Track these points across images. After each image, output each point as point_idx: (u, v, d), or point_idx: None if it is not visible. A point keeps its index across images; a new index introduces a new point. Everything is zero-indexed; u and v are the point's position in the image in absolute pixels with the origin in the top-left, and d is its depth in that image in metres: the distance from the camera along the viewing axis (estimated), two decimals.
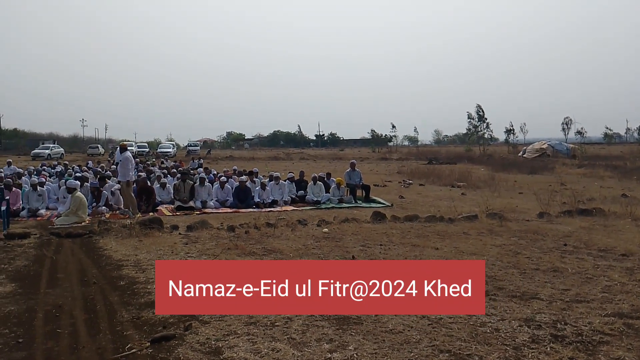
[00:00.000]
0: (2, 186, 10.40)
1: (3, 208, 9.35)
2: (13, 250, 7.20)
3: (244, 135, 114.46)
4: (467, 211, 10.47)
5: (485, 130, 60.33)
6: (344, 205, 12.77)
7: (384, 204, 12.86)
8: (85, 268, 6.19)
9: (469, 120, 61.22)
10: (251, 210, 11.92)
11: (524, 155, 43.06)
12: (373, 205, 12.74)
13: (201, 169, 18.72)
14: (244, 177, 13.24)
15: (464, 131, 66.70)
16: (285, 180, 13.86)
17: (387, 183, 19.51)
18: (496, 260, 6.42)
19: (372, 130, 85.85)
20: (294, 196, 13.31)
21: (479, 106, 60.57)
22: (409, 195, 15.10)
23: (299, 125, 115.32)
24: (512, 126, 66.36)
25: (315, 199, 13.04)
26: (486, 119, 60.06)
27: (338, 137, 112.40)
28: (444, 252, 6.98)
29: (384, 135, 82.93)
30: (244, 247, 7.22)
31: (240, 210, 11.90)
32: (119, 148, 11.73)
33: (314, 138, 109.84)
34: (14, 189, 11.12)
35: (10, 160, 19.53)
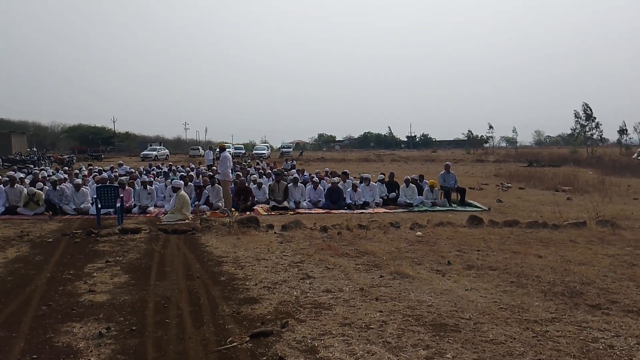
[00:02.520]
0: (117, 185, 11.37)
1: (118, 205, 10.23)
2: (127, 244, 7.83)
3: (334, 137, 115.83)
4: (574, 217, 9.76)
5: (593, 131, 55.95)
6: (438, 208, 12.44)
7: (480, 207, 12.35)
8: (190, 263, 6.57)
9: (575, 119, 57.14)
10: (343, 211, 11.99)
11: (639, 158, 39.32)
12: (469, 209, 12.27)
13: (294, 170, 19.17)
14: (335, 179, 13.36)
15: (569, 131, 62.24)
16: (376, 182, 13.79)
17: (484, 186, 18.72)
18: (609, 272, 5.91)
19: (468, 131, 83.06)
20: (385, 198, 13.21)
21: (585, 104, 56.38)
22: (507, 199, 14.37)
23: (389, 127, 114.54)
24: (625, 126, 60.75)
25: (408, 201, 12.83)
26: (595, 118, 55.71)
27: (430, 138, 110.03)
28: (549, 260, 6.54)
29: (479, 136, 79.83)
30: (337, 248, 7.27)
31: (332, 211, 12.02)
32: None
33: (405, 139, 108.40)
34: (127, 187, 12.10)
35: (122, 161, 21.27)
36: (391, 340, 3.85)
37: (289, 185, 12.90)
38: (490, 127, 72.77)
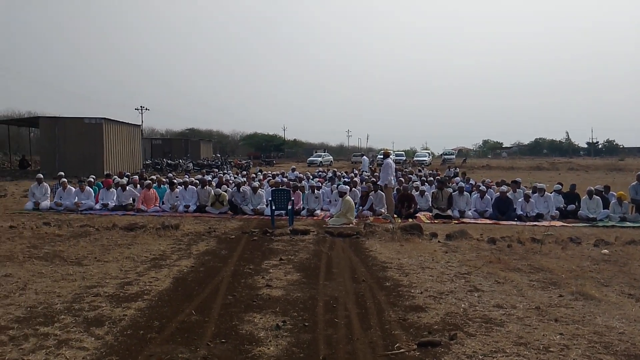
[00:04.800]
0: (290, 189, 12.21)
1: (289, 207, 10.97)
2: (297, 244, 8.35)
3: (501, 143, 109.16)
4: None
5: None
6: (628, 224, 10.94)
7: None
8: (355, 266, 6.75)
9: None
10: (513, 223, 11.23)
11: None
12: None
13: (459, 178, 18.54)
14: (504, 188, 12.58)
15: None
16: (551, 193, 12.63)
17: None
18: None
19: None
20: (562, 210, 12.03)
21: None
22: None
23: (567, 132, 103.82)
24: None
25: (591, 215, 11.50)
26: None
27: (616, 144, 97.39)
28: None
29: None
30: (507, 262, 6.84)
31: (501, 222, 11.34)
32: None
33: (585, 146, 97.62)
34: (297, 191, 12.93)
35: (294, 166, 22.83)
36: None
37: (453, 193, 12.52)
38: None
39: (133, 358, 3.66)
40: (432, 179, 17.15)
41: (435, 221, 11.52)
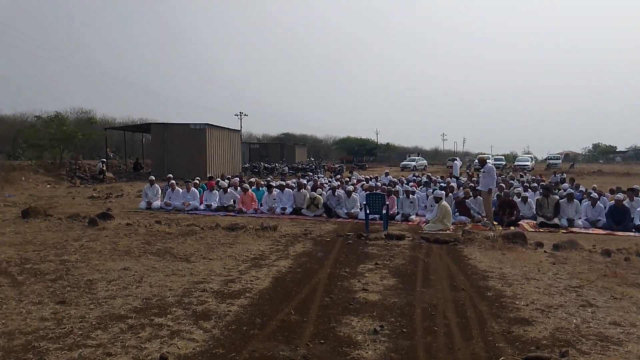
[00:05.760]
0: (384, 193, 12.13)
1: (384, 212, 10.90)
2: (392, 249, 8.26)
3: (614, 147, 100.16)
4: None
5: None
6: None
7: None
8: (453, 274, 6.54)
9: None
10: (630, 233, 10.27)
11: None
12: None
13: (566, 184, 17.30)
14: (620, 195, 11.54)
15: None
16: None
17: None
18: None
19: None
20: None
21: None
22: None
23: None
24: None
25: None
26: None
27: None
28: None
29: None
30: (624, 276, 6.27)
31: (616, 232, 10.41)
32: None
33: None
34: (392, 195, 12.81)
35: (388, 170, 22.67)
36: None
37: (561, 200, 11.71)
38: None
39: (238, 352, 3.83)
40: (535, 184, 16.18)
41: (541, 230, 10.84)
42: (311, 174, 27.26)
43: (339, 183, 15.48)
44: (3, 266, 6.54)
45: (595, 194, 12.18)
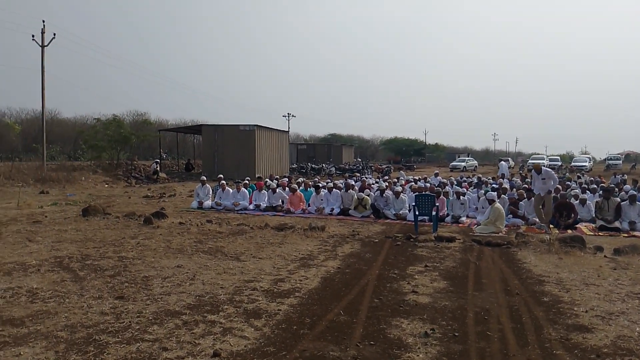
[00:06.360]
0: (434, 194, 11.94)
1: (434, 213, 10.72)
2: (442, 252, 8.12)
3: None
4: None
5: None
6: None
7: None
8: (507, 277, 6.35)
9: None
10: None
11: None
12: None
13: (628, 186, 16.43)
14: None
15: None
16: None
17: None
18: None
19: None
20: None
21: None
22: None
23: None
24: None
25: None
26: None
27: None
28: None
29: None
30: None
31: None
32: (533, 169, 11.46)
33: None
34: (442, 196, 12.58)
35: (438, 171, 22.29)
36: None
37: (622, 202, 11.14)
38: None
39: (288, 351, 3.87)
40: (594, 186, 15.46)
41: (600, 233, 10.36)
42: (358, 174, 27.17)
43: (387, 184, 15.35)
44: (65, 262, 6.89)
45: None
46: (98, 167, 26.59)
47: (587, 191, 14.26)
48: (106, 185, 22.53)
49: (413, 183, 16.63)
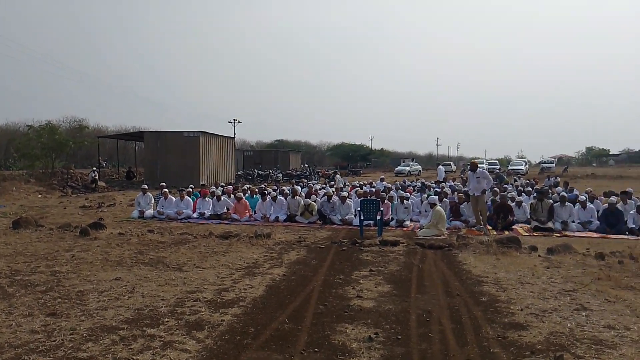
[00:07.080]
0: (379, 199, 12.12)
1: (378, 218, 10.88)
2: (387, 256, 8.24)
3: (607, 150, 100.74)
4: None
5: None
6: None
7: None
8: (448, 279, 6.52)
9: None
10: (624, 237, 10.31)
11: None
12: None
13: (560, 188, 17.38)
14: (613, 199, 11.59)
15: None
16: None
17: None
18: None
19: None
20: None
21: None
22: None
23: None
24: None
25: None
26: None
27: None
28: None
29: None
30: (618, 279, 6.27)
31: (609, 235, 10.45)
32: (469, 166, 11.93)
33: None
34: (386, 201, 12.79)
35: (383, 176, 22.67)
36: None
37: (554, 204, 11.74)
38: None
39: None
40: (529, 188, 16.25)
41: (535, 234, 10.86)
42: (305, 180, 27.21)
43: (334, 190, 15.45)
44: None
45: (583, 196, 12.27)
46: (31, 176, 25.19)
47: (523, 193, 14.95)
48: (39, 196, 21.37)
49: (358, 188, 16.83)
